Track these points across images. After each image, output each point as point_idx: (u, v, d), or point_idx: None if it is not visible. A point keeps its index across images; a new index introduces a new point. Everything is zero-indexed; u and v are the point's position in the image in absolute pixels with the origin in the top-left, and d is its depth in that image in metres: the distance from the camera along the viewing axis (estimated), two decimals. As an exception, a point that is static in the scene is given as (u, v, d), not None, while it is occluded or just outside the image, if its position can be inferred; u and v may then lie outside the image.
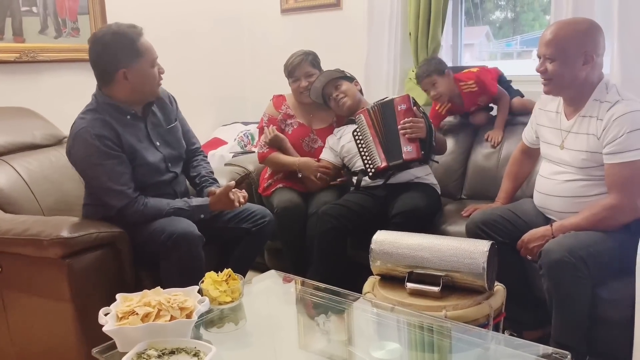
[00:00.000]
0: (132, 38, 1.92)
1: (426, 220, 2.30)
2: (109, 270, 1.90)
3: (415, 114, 2.35)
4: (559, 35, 1.86)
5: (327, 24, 3.53)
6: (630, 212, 1.81)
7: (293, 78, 2.65)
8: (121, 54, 1.91)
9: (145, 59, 1.95)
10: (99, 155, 1.90)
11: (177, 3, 3.51)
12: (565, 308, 1.78)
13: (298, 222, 2.45)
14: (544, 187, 2.02)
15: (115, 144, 1.93)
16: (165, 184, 2.10)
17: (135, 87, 1.97)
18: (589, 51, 1.84)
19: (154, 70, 1.99)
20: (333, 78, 2.58)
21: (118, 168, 1.93)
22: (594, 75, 1.88)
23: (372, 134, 2.39)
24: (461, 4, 3.26)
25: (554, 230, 1.87)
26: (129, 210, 1.94)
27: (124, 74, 1.93)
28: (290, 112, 2.70)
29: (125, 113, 2.00)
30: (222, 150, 3.41)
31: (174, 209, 1.99)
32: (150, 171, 2.04)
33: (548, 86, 1.93)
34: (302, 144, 2.66)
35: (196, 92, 3.63)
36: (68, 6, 2.96)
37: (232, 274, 1.68)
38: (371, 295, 1.78)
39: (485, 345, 1.55)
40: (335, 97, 2.56)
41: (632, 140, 1.77)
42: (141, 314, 1.40)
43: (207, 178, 2.23)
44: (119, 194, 1.93)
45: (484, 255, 1.65)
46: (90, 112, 1.96)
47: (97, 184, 1.95)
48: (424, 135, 2.33)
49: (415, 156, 2.32)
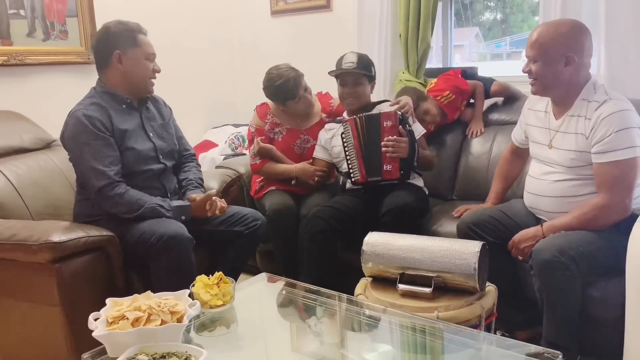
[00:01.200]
0: (133, 29, 2.06)
1: (415, 218, 2.31)
2: (99, 275, 1.89)
3: (400, 133, 2.32)
4: (542, 36, 1.88)
5: (317, 26, 3.53)
6: (619, 211, 1.82)
7: (297, 99, 2.57)
8: (119, 38, 2.04)
9: (141, 49, 2.06)
10: (87, 134, 1.95)
11: (167, 6, 3.50)
12: (557, 308, 1.78)
13: (290, 225, 2.45)
14: (533, 187, 2.03)
15: (105, 127, 1.98)
16: (154, 175, 2.11)
17: (127, 73, 2.05)
18: (570, 53, 1.85)
19: (148, 63, 2.08)
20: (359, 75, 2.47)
21: (104, 150, 1.96)
22: (580, 76, 1.89)
23: (355, 145, 2.38)
24: (451, 6, 3.27)
25: (544, 230, 1.88)
26: (108, 192, 1.94)
27: (119, 57, 2.03)
28: (276, 120, 2.67)
29: (121, 102, 2.07)
30: (212, 153, 3.40)
31: (154, 204, 2.00)
32: (140, 158, 2.06)
33: (534, 86, 1.95)
34: (294, 148, 2.65)
35: (186, 94, 3.62)
36: (56, 9, 2.94)
37: (223, 277, 1.67)
38: (363, 297, 1.78)
39: (477, 345, 1.56)
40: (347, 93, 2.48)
41: (620, 140, 1.78)
42: (131, 319, 1.39)
43: (193, 181, 2.25)
44: (100, 174, 1.94)
45: (475, 256, 1.65)
46: (88, 99, 2.05)
47: (82, 163, 1.98)
48: (405, 156, 2.31)
49: (394, 176, 2.32)
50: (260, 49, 3.77)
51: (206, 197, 2.11)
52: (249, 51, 3.87)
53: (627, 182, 1.81)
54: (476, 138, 2.70)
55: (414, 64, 3.03)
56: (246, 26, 3.87)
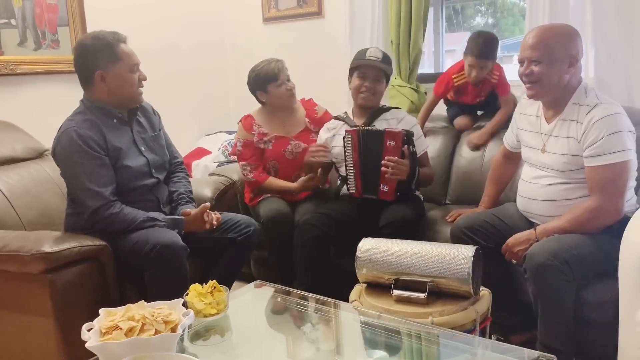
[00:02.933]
0: (110, 43, 1.98)
1: (414, 228, 2.29)
2: (92, 285, 1.88)
3: (402, 154, 2.26)
4: (545, 37, 1.87)
5: (309, 33, 3.54)
6: (611, 214, 1.82)
7: (279, 81, 2.59)
8: (99, 56, 1.97)
9: (123, 63, 2.00)
10: (80, 154, 1.92)
11: (159, 13, 3.50)
12: (551, 311, 1.79)
13: (285, 232, 2.43)
14: (526, 191, 2.04)
15: (100, 145, 1.96)
16: (147, 188, 2.10)
17: (113, 90, 2.01)
18: (574, 54, 1.86)
19: (133, 76, 2.03)
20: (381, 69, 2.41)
21: (98, 170, 1.94)
22: (575, 79, 1.91)
23: (354, 158, 2.33)
24: (442, 11, 3.29)
25: (537, 234, 1.89)
26: (103, 213, 1.93)
27: (102, 76, 1.98)
28: (263, 130, 2.65)
29: (112, 116, 2.04)
30: (206, 160, 3.39)
31: (148, 218, 1.99)
32: (133, 174, 2.04)
33: (533, 89, 1.93)
34: (285, 154, 2.64)
35: (179, 102, 3.62)
36: (47, 18, 2.94)
37: (217, 286, 1.66)
38: (358, 304, 1.77)
39: (472, 350, 1.56)
40: (366, 87, 2.41)
41: (612, 143, 1.79)
42: (125, 329, 1.37)
43: (185, 196, 2.22)
44: (95, 195, 1.92)
45: (469, 261, 1.65)
46: (79, 114, 2.01)
47: (76, 183, 1.96)
48: (404, 178, 2.26)
49: (389, 198, 2.28)
50: (253, 56, 3.72)
51: (201, 210, 2.09)
52: (242, 58, 3.87)
53: (619, 185, 1.82)
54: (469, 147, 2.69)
55: (406, 70, 3.04)
56: (238, 33, 3.88)
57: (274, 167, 2.65)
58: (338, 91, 3.26)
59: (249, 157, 2.64)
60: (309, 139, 2.67)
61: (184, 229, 2.06)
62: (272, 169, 2.66)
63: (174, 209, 2.20)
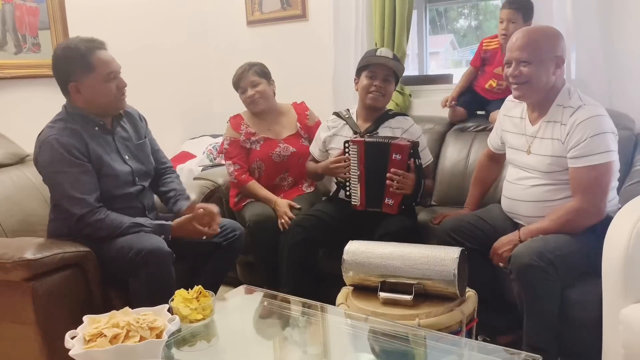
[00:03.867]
0: (83, 53, 1.92)
1: (411, 235, 2.22)
2: (75, 292, 1.85)
3: (409, 167, 2.21)
4: (533, 39, 1.89)
5: (293, 36, 3.53)
6: (594, 215, 1.84)
7: (240, 90, 2.64)
8: (71, 69, 1.93)
9: (97, 73, 1.93)
10: (63, 162, 1.89)
11: (142, 16, 3.47)
12: (536, 311, 1.80)
13: (271, 235, 2.43)
14: (510, 192, 2.05)
15: (82, 153, 1.93)
16: (132, 196, 2.08)
17: (90, 100, 1.97)
18: (560, 55, 1.88)
19: (110, 85, 1.97)
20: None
21: (81, 177, 1.92)
22: (559, 80, 1.93)
23: (360, 170, 2.26)
24: (425, 14, 3.31)
25: (521, 235, 1.90)
26: (89, 219, 1.91)
27: (76, 88, 1.94)
28: (250, 130, 2.66)
29: (94, 124, 2.01)
30: (190, 164, 3.37)
31: (134, 224, 1.97)
32: (118, 183, 2.02)
33: (521, 90, 1.94)
34: (272, 157, 2.64)
35: (163, 105, 3.59)
36: (28, 21, 2.90)
37: (202, 291, 1.66)
38: (345, 306, 1.77)
39: (459, 351, 1.56)
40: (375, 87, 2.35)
41: (595, 145, 1.81)
42: (109, 336, 1.36)
43: (183, 193, 2.23)
44: (80, 202, 1.90)
45: (455, 262, 1.66)
46: (59, 122, 1.97)
47: (60, 191, 1.94)
48: (409, 192, 2.22)
49: (394, 212, 2.23)
50: (237, 59, 3.71)
51: (191, 218, 2.05)
52: (226, 61, 3.85)
53: (602, 186, 1.84)
54: (453, 144, 2.70)
55: (390, 72, 3.05)
56: (222, 36, 3.86)
57: (259, 167, 2.64)
58: (323, 94, 3.27)
59: (234, 156, 2.64)
60: (298, 143, 2.67)
61: (171, 235, 2.03)
62: (257, 169, 2.65)
63: (173, 204, 2.18)
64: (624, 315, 1.55)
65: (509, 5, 2.56)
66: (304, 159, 2.66)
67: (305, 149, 2.67)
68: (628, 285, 1.56)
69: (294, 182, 2.70)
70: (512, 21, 2.54)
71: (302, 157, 2.67)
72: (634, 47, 2.47)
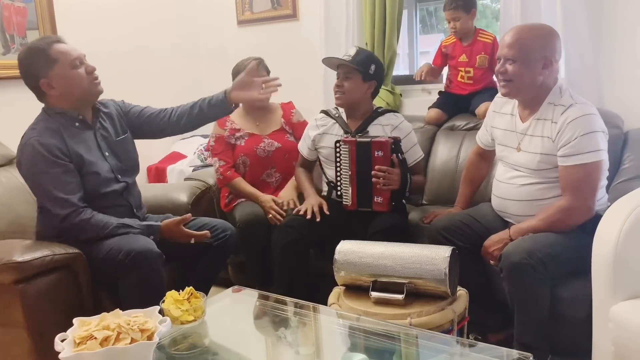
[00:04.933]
0: (42, 48, 1.94)
1: (402, 233, 2.25)
2: (65, 294, 1.84)
3: (392, 163, 2.23)
4: (522, 37, 1.90)
5: (284, 35, 3.53)
6: (583, 213, 1.85)
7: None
8: (36, 67, 1.94)
9: (60, 63, 1.94)
10: (45, 163, 1.88)
11: (131, 16, 3.45)
12: (527, 309, 1.81)
13: (261, 236, 2.42)
14: (501, 191, 2.06)
15: (63, 152, 1.92)
16: (116, 194, 2.07)
17: (65, 92, 1.96)
18: (549, 55, 1.89)
19: (78, 71, 1.97)
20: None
21: (64, 177, 1.91)
22: (550, 79, 1.93)
23: (352, 170, 2.27)
24: (416, 13, 3.31)
25: (511, 233, 1.91)
26: (73, 220, 1.90)
27: (47, 83, 1.94)
28: (235, 126, 2.66)
29: (73, 120, 2.00)
30: (181, 165, 3.36)
31: (121, 224, 1.95)
32: (100, 180, 2.01)
33: (507, 88, 1.95)
34: (257, 151, 2.63)
35: (153, 105, 3.56)
36: (16, 22, 2.87)
37: (194, 292, 1.65)
38: (336, 306, 1.77)
39: (451, 350, 1.57)
40: (335, 86, 2.40)
41: (585, 143, 1.82)
42: (100, 338, 1.35)
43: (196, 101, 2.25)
44: (63, 202, 1.89)
45: (446, 261, 1.67)
46: (40, 122, 1.97)
47: (43, 192, 1.92)
48: (397, 187, 2.23)
49: (384, 209, 2.24)
50: (227, 59, 3.71)
51: (178, 221, 2.03)
52: (216, 61, 3.85)
53: (591, 184, 1.85)
54: None
55: (381, 72, 3.05)
56: (213, 36, 3.85)
57: (244, 162, 2.64)
58: (313, 93, 3.27)
59: (219, 152, 2.64)
60: (284, 138, 2.68)
61: (159, 236, 2.02)
62: (242, 164, 2.64)
63: (210, 102, 2.22)
64: (614, 313, 1.56)
65: (448, 6, 2.70)
66: (290, 154, 2.66)
67: (291, 144, 2.67)
68: (617, 282, 1.57)
69: (282, 179, 2.69)
70: (456, 19, 2.70)
71: (288, 153, 2.66)
72: (623, 46, 2.49)
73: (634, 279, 1.58)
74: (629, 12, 2.45)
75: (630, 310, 1.54)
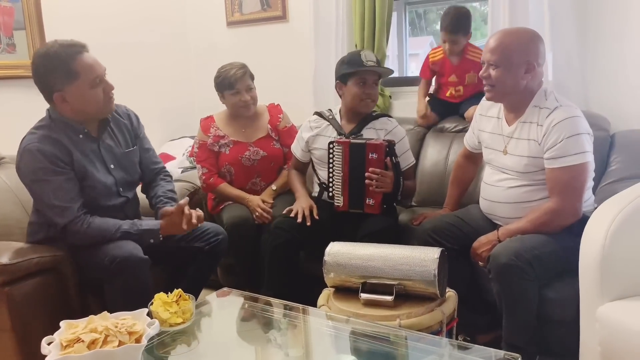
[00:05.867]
0: (64, 59, 1.83)
1: (393, 235, 2.25)
2: (52, 297, 1.83)
3: (386, 166, 2.23)
4: (504, 42, 1.91)
5: (274, 37, 3.53)
6: (570, 215, 1.87)
7: (234, 90, 2.55)
8: (54, 78, 1.84)
9: (82, 80, 1.86)
10: (45, 171, 1.84)
11: (120, 17, 3.43)
12: (515, 310, 1.82)
13: (249, 238, 2.41)
14: (488, 193, 2.07)
15: (64, 161, 1.88)
16: (116, 208, 2.03)
17: (77, 108, 1.90)
18: (531, 60, 1.90)
19: (97, 91, 1.90)
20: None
21: (65, 185, 1.87)
22: (535, 83, 1.95)
23: (344, 171, 2.27)
24: (405, 15, 3.33)
25: (499, 235, 1.92)
26: (73, 228, 1.87)
27: (62, 97, 1.86)
28: (220, 132, 2.61)
29: (78, 132, 1.95)
30: (170, 166, 3.32)
31: (121, 233, 1.92)
32: (101, 194, 1.98)
33: (491, 92, 1.97)
34: (242, 160, 2.60)
35: (142, 106, 3.48)
36: (2, 21, 2.84)
37: (182, 295, 1.64)
38: (326, 308, 1.77)
39: (440, 351, 1.57)
40: (367, 94, 2.35)
41: (571, 145, 1.84)
42: (87, 341, 1.34)
43: (162, 198, 2.14)
44: (63, 211, 1.86)
45: (435, 263, 1.67)
46: (42, 128, 1.90)
47: (42, 200, 1.88)
48: (389, 191, 2.23)
49: (376, 212, 2.25)
50: (217, 60, 3.69)
51: (177, 208, 1.98)
52: (206, 62, 3.83)
53: (578, 186, 1.86)
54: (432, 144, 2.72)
55: (370, 74, 3.06)
56: (202, 37, 3.84)
57: (229, 171, 2.61)
58: (303, 95, 3.26)
59: (203, 160, 2.61)
60: (269, 146, 2.64)
61: (162, 234, 1.98)
62: (227, 173, 2.62)
63: (156, 213, 2.12)
64: (601, 313, 1.58)
65: (447, 28, 2.64)
66: (276, 163, 2.65)
67: (277, 152, 2.65)
68: (604, 283, 1.59)
69: (267, 186, 2.64)
70: (453, 42, 2.65)
71: (274, 161, 2.65)
72: (609, 49, 2.51)
73: (620, 280, 1.59)
74: (615, 15, 2.48)
75: (617, 311, 1.55)
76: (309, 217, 2.29)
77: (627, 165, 2.21)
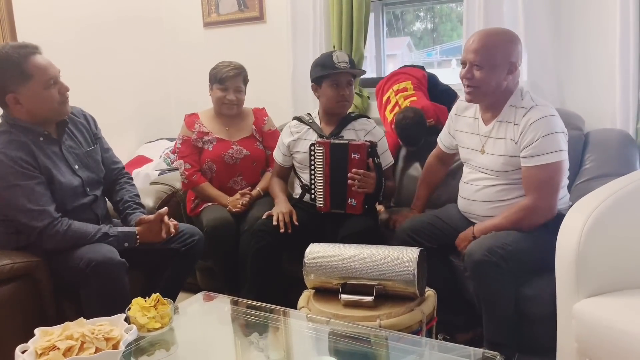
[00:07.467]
0: (16, 61, 1.80)
1: (373, 236, 2.23)
2: (26, 303, 1.79)
3: (368, 166, 2.24)
4: (488, 43, 1.91)
5: (251, 38, 3.51)
6: (545, 212, 1.90)
7: (222, 86, 2.55)
8: (6, 79, 1.82)
9: (35, 81, 1.83)
10: (15, 176, 1.80)
11: (94, 18, 3.38)
12: (492, 306, 1.84)
13: (229, 240, 2.39)
14: (466, 192, 2.09)
15: (32, 165, 1.84)
16: (85, 207, 2.01)
17: (31, 110, 1.87)
18: (514, 61, 1.92)
19: (51, 92, 1.87)
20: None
21: (37, 188, 1.83)
22: (512, 83, 1.97)
23: (326, 172, 2.28)
24: (382, 16, 3.34)
25: (475, 231, 1.95)
26: (51, 231, 1.83)
27: (15, 99, 1.84)
28: (204, 129, 2.60)
29: (38, 134, 1.91)
30: (147, 169, 3.30)
31: (101, 234, 1.90)
32: (69, 195, 1.94)
33: (472, 94, 1.98)
34: (224, 158, 2.58)
35: (118, 108, 3.51)
36: (-28, 22, 2.78)
37: (160, 299, 1.62)
38: (306, 310, 1.77)
39: (420, 351, 1.58)
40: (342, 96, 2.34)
41: (547, 144, 1.87)
42: (63, 349, 1.32)
43: (130, 204, 2.12)
44: (40, 214, 1.82)
45: (414, 263, 1.68)
46: (4, 134, 1.86)
47: (16, 206, 1.83)
48: (371, 191, 2.24)
49: (357, 212, 2.25)
50: (193, 61, 3.70)
51: (157, 216, 1.99)
52: (182, 64, 3.80)
53: (553, 184, 1.89)
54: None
55: (348, 74, 3.06)
56: (178, 38, 3.81)
57: (210, 168, 2.59)
58: (281, 96, 3.26)
59: (186, 155, 2.59)
60: (253, 146, 2.63)
61: (138, 240, 1.97)
62: (208, 170, 2.60)
63: (124, 218, 2.10)
64: (577, 310, 1.60)
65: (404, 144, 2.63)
66: (258, 163, 2.64)
67: (260, 152, 2.65)
68: (580, 280, 1.61)
69: (249, 186, 2.63)
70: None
71: (256, 161, 2.64)
72: (582, 49, 2.56)
73: (596, 276, 1.62)
74: (588, 16, 2.52)
75: (593, 307, 1.57)
76: (290, 224, 2.28)
77: (601, 163, 2.25)
